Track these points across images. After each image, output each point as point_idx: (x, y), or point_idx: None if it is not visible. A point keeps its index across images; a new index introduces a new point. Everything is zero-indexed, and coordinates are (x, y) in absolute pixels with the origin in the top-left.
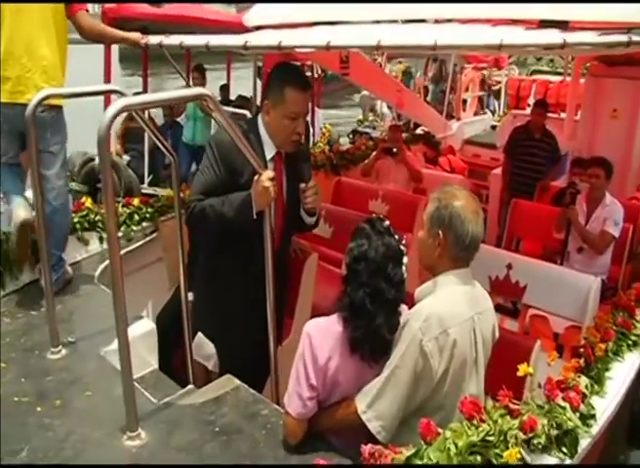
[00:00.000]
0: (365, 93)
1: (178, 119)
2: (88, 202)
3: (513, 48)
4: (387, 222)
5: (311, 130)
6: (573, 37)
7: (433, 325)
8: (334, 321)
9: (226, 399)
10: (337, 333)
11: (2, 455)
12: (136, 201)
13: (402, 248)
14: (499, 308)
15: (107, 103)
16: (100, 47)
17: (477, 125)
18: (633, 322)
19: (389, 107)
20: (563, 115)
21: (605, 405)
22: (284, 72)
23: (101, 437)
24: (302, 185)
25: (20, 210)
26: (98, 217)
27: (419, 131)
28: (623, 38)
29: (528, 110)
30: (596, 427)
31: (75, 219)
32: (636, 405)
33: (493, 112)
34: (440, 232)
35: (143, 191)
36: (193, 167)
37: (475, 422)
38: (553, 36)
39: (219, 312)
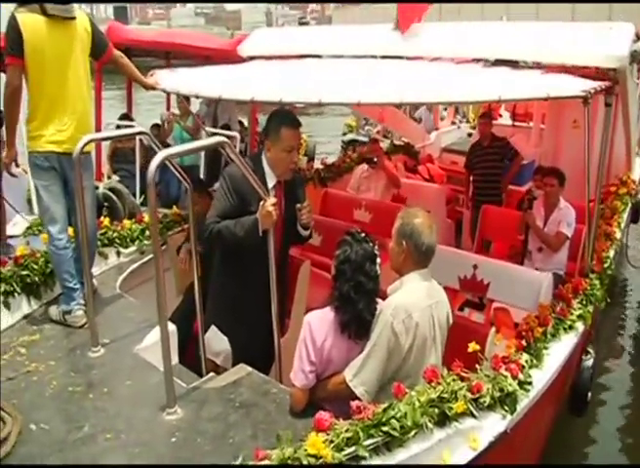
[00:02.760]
0: None
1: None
2: (106, 221)
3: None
4: (363, 234)
5: None
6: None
7: (400, 311)
8: (327, 311)
9: (242, 382)
10: (330, 320)
11: (69, 430)
12: (147, 218)
13: (375, 251)
14: (467, 303)
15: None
16: None
17: (454, 133)
18: (570, 310)
19: None
20: (531, 124)
21: (542, 375)
22: (280, 116)
23: (146, 414)
24: (298, 205)
25: None
26: (115, 234)
27: (398, 142)
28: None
29: (500, 120)
30: (534, 391)
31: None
32: (577, 379)
33: (468, 121)
34: (404, 242)
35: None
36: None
37: (434, 385)
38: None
39: (229, 312)
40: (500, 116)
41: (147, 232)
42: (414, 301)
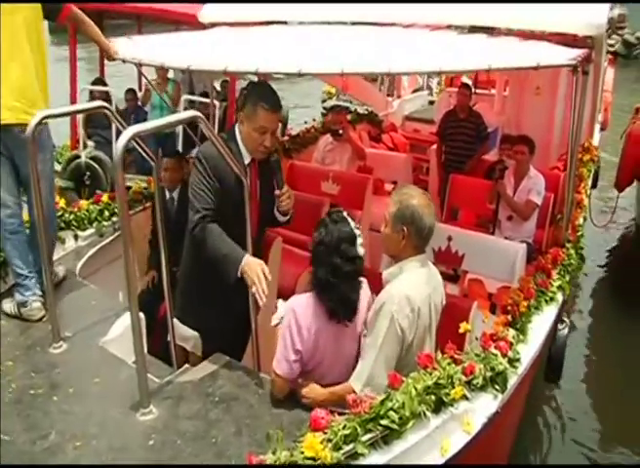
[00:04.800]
0: None
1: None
2: (62, 202)
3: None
4: (344, 213)
5: None
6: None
7: (404, 305)
8: (311, 296)
9: (220, 373)
10: (314, 306)
11: (34, 440)
12: (105, 197)
13: (355, 231)
14: (441, 275)
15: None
16: None
17: (416, 101)
18: (550, 281)
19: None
20: (493, 91)
21: (527, 349)
22: (260, 93)
23: (119, 415)
24: (277, 192)
25: None
26: (72, 217)
27: (362, 110)
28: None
29: None
30: (521, 368)
31: None
32: (552, 347)
33: (430, 90)
34: (405, 228)
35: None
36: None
37: (429, 370)
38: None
39: (197, 296)
40: (462, 83)
41: (106, 212)
42: (416, 292)
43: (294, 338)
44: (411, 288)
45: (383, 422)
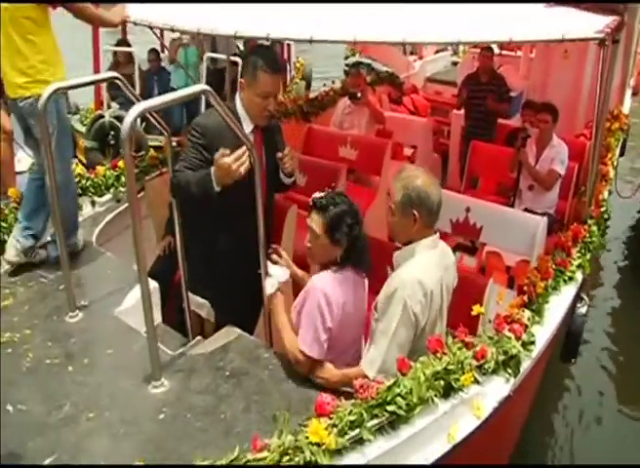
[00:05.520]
0: None
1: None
2: (78, 169)
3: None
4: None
5: (287, 66)
6: None
7: (417, 290)
8: (332, 272)
9: (231, 347)
10: (340, 279)
11: (49, 411)
12: (121, 163)
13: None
14: (459, 246)
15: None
16: None
17: (439, 62)
18: (570, 260)
19: None
20: (520, 53)
21: (543, 332)
22: (259, 55)
23: (131, 387)
24: (279, 154)
25: None
26: (88, 183)
27: (382, 72)
28: None
29: None
30: (535, 351)
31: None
32: (570, 327)
33: (455, 50)
34: (415, 212)
35: (150, 143)
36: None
37: (439, 355)
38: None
39: (210, 262)
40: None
41: (123, 178)
42: (428, 275)
43: (325, 317)
44: (423, 271)
45: (390, 408)
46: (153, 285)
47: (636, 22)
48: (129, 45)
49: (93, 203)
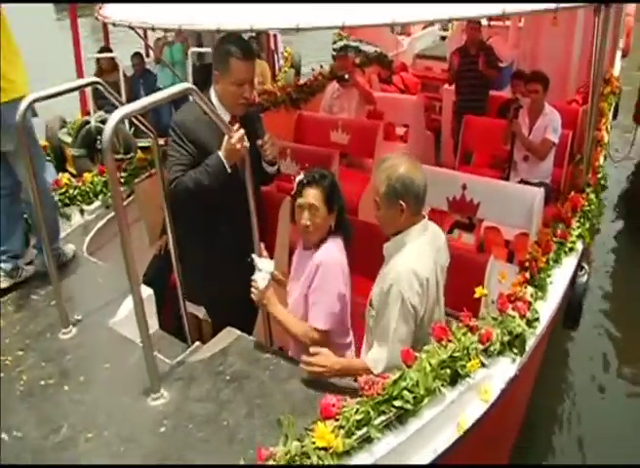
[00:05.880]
0: None
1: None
2: (65, 179)
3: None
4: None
5: (275, 56)
6: None
7: (413, 282)
8: (335, 242)
9: (231, 350)
10: (342, 249)
11: (46, 435)
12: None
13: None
14: (456, 224)
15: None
16: None
17: (427, 38)
18: (569, 231)
19: None
20: (508, 23)
21: (546, 307)
22: (229, 43)
23: (129, 402)
24: (259, 141)
25: None
26: (76, 192)
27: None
28: None
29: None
30: (540, 327)
31: (55, 197)
32: (572, 295)
33: (444, 27)
34: (402, 202)
35: (140, 144)
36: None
37: (444, 343)
38: None
39: (205, 260)
40: None
41: None
42: (421, 264)
43: (340, 286)
44: (416, 260)
45: (397, 403)
46: (148, 292)
47: None
48: (110, 51)
49: (82, 211)
